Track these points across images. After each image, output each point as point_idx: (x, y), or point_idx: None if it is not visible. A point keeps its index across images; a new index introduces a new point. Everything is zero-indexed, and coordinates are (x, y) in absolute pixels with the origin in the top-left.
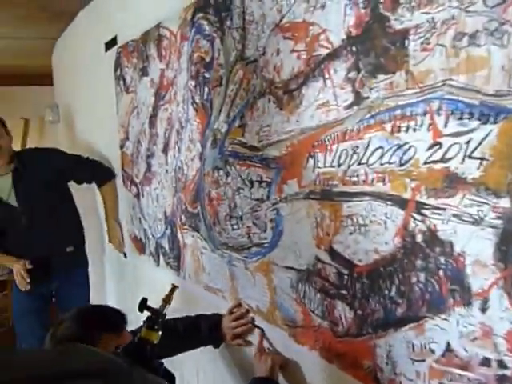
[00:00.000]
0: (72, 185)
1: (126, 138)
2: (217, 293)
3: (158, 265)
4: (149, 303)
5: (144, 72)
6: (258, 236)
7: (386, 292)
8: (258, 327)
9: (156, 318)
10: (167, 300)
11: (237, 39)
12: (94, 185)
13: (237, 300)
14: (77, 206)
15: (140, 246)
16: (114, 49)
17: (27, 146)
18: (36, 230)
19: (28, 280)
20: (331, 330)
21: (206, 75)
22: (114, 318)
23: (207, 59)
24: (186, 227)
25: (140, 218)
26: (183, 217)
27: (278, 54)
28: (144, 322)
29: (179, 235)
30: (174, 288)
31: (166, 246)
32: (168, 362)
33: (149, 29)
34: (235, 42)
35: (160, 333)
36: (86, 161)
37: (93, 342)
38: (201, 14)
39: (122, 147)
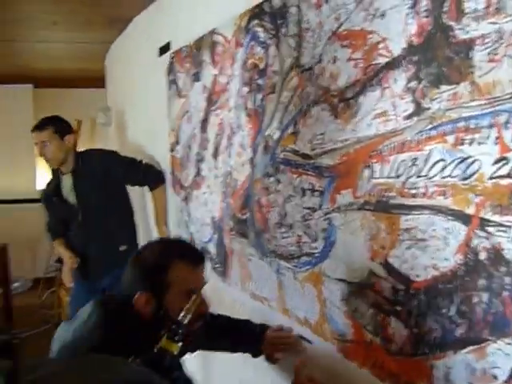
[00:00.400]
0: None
1: (176, 141)
2: (263, 301)
3: None
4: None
5: (196, 77)
6: (308, 245)
7: (445, 311)
8: (307, 340)
9: (177, 328)
10: (189, 310)
11: (292, 46)
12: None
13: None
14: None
15: None
16: (168, 54)
17: (78, 148)
18: (90, 228)
19: (71, 279)
20: (384, 347)
21: (260, 82)
22: (194, 251)
23: (261, 66)
24: (233, 233)
25: (187, 222)
26: (231, 222)
27: (334, 62)
28: (164, 331)
29: (226, 241)
30: (196, 298)
31: (213, 251)
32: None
33: (203, 35)
34: (290, 50)
35: (180, 344)
36: (140, 164)
37: (167, 267)
38: (256, 21)
39: (172, 151)
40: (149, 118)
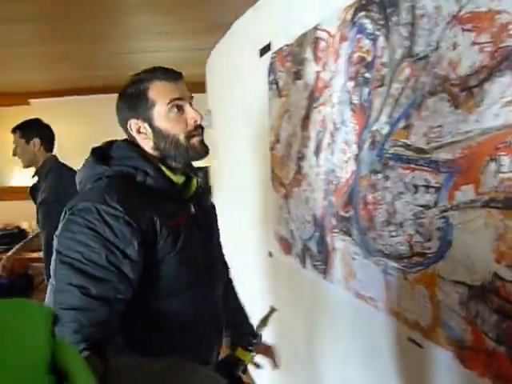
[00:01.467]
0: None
1: (276, 140)
2: (368, 301)
3: (304, 266)
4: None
5: (298, 75)
6: (420, 245)
7: None
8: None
9: (252, 338)
10: (265, 322)
11: (404, 36)
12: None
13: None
14: None
15: (286, 246)
16: (268, 54)
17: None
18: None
19: None
20: (509, 356)
21: (367, 75)
22: (168, 69)
23: (369, 59)
24: (336, 231)
25: (287, 219)
26: (334, 220)
27: (454, 48)
28: (239, 341)
29: (328, 238)
30: (272, 310)
31: (314, 249)
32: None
33: (304, 32)
34: (402, 39)
35: (253, 354)
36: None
37: (146, 89)
38: (363, 13)
39: (272, 149)
40: (247, 119)
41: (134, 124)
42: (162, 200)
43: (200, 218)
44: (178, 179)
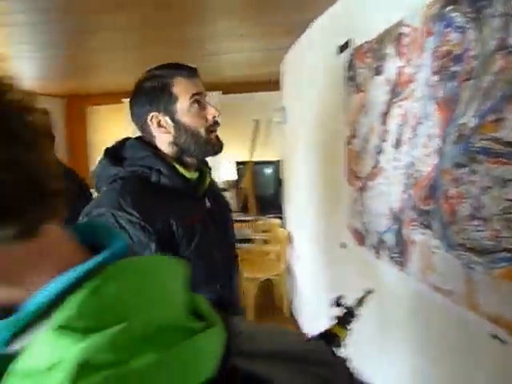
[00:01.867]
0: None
1: (352, 135)
2: (446, 295)
3: (378, 257)
4: (344, 301)
5: (378, 71)
6: (508, 240)
7: None
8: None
9: (349, 316)
10: (361, 303)
11: (497, 27)
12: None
13: None
14: None
15: (360, 238)
16: (347, 51)
17: (256, 145)
18: None
19: None
20: None
21: (453, 69)
22: (188, 66)
23: (457, 52)
24: (414, 224)
25: (361, 212)
26: (413, 213)
27: None
28: (336, 318)
29: (406, 231)
30: (369, 292)
31: (390, 241)
32: None
33: (387, 28)
34: (494, 31)
35: (349, 331)
36: None
37: (170, 84)
38: (451, 7)
39: (347, 144)
40: (322, 114)
41: (154, 117)
42: (177, 198)
43: (215, 212)
44: (192, 175)
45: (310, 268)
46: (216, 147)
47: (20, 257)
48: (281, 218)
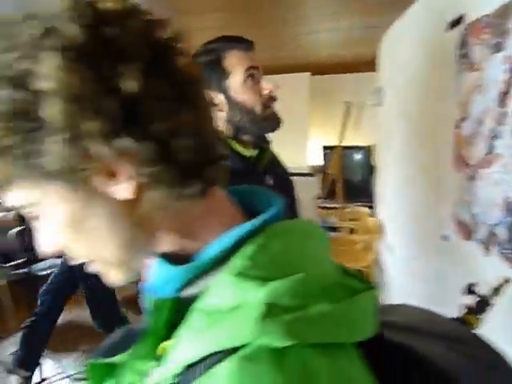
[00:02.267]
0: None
1: (463, 117)
2: None
3: (487, 252)
4: (477, 288)
5: (497, 48)
6: None
7: None
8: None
9: (482, 304)
10: (497, 292)
11: None
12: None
13: None
14: None
15: (465, 231)
16: (459, 27)
17: (347, 129)
18: None
19: None
20: None
21: None
22: (242, 38)
23: None
24: None
25: (469, 202)
26: None
27: None
28: (467, 307)
29: None
30: (507, 281)
31: (502, 235)
32: None
33: (508, 1)
34: None
35: (480, 320)
36: None
37: (222, 57)
38: None
39: (456, 127)
40: (426, 95)
41: (212, 96)
42: (238, 178)
43: (277, 189)
44: (251, 153)
45: (404, 261)
46: (274, 124)
47: (196, 213)
48: (370, 206)
